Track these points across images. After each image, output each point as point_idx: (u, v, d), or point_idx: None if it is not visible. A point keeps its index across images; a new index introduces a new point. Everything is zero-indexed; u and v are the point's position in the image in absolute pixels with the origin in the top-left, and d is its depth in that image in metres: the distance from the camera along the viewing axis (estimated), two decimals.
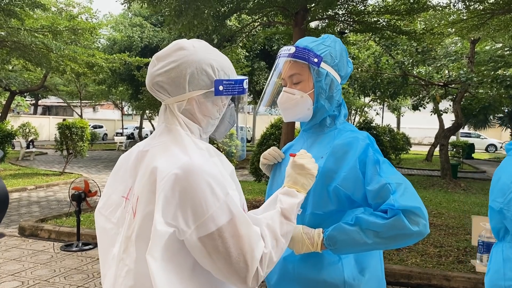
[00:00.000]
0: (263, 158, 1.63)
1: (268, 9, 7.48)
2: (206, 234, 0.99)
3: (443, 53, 11.61)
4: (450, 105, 13.52)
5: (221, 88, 1.14)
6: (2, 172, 11.84)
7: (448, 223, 6.52)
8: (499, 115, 20.71)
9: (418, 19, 10.10)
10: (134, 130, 31.00)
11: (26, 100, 32.99)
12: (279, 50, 1.53)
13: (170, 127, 1.13)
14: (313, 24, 8.49)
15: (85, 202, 5.19)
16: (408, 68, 11.42)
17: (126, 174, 1.16)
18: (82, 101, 25.67)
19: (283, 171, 1.40)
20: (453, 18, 9.43)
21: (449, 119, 17.15)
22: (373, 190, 1.30)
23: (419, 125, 34.82)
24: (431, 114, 15.49)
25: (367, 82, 11.90)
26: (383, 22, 8.12)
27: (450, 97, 12.20)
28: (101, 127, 32.72)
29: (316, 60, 1.44)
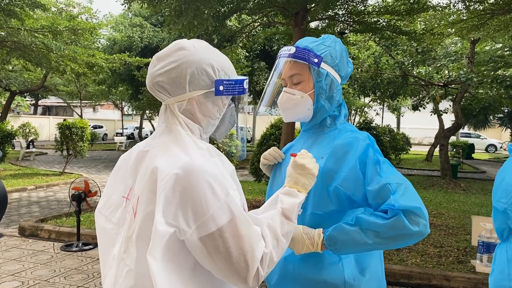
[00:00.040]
0: (263, 158, 1.63)
1: (268, 9, 7.49)
2: (207, 234, 0.99)
3: (443, 53, 11.61)
4: (450, 105, 13.53)
5: (221, 88, 1.14)
6: (2, 172, 11.84)
7: (448, 223, 6.52)
8: (499, 115, 20.71)
9: (418, 19, 10.10)
10: (134, 130, 31.00)
11: (26, 100, 33.00)
12: (279, 51, 1.53)
13: (171, 127, 1.13)
14: (313, 24, 8.49)
15: (85, 202, 5.19)
16: (408, 68, 11.42)
17: (127, 174, 1.16)
18: (82, 101, 25.67)
19: (284, 171, 1.40)
20: (453, 19, 9.43)
21: (449, 119, 17.16)
22: (374, 190, 1.30)
23: (419, 125, 34.81)
24: (431, 114, 15.50)
25: (367, 82, 11.89)
26: (383, 22, 8.11)
27: (450, 97, 12.20)
28: (101, 127, 32.72)
29: (316, 60, 1.44)
